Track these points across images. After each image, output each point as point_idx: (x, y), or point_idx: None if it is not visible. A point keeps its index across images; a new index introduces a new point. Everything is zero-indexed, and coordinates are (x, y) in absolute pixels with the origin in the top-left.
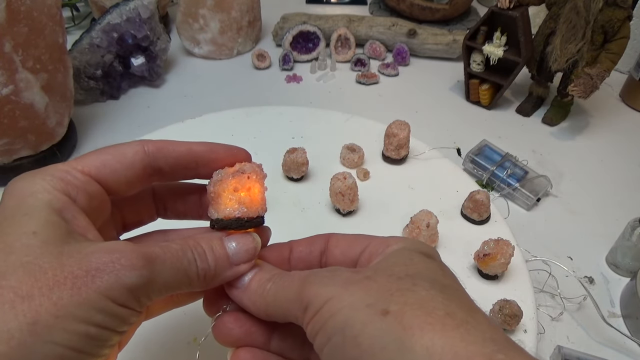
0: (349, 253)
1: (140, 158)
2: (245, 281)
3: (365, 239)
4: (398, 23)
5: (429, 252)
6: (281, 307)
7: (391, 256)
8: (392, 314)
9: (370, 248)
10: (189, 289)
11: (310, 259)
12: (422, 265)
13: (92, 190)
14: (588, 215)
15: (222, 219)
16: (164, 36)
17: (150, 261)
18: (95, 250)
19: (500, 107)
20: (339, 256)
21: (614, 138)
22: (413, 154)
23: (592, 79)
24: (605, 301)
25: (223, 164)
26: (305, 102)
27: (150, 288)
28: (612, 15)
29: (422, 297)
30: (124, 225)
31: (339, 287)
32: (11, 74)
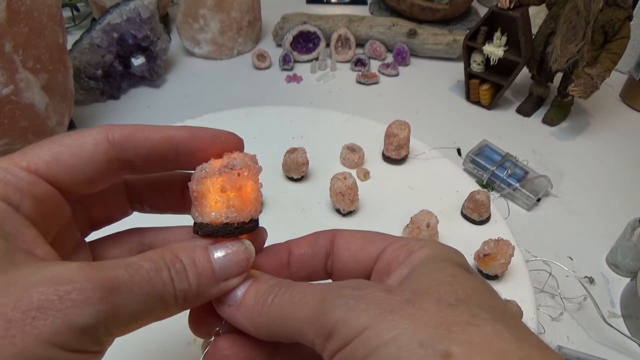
0: (361, 257)
1: (104, 150)
2: (238, 296)
3: (380, 240)
4: (398, 23)
5: (463, 262)
6: (289, 327)
7: (425, 270)
8: (456, 358)
9: (389, 254)
10: (165, 315)
11: (313, 263)
12: (469, 284)
13: (41, 193)
14: (588, 215)
15: (207, 223)
16: (164, 36)
17: (112, 291)
18: (39, 282)
19: (501, 107)
20: (349, 261)
21: (614, 138)
22: (413, 154)
23: (592, 79)
24: (605, 301)
25: (209, 153)
26: (306, 102)
27: (113, 323)
28: (613, 15)
29: (489, 335)
30: (92, 224)
31: (374, 315)
32: (11, 74)
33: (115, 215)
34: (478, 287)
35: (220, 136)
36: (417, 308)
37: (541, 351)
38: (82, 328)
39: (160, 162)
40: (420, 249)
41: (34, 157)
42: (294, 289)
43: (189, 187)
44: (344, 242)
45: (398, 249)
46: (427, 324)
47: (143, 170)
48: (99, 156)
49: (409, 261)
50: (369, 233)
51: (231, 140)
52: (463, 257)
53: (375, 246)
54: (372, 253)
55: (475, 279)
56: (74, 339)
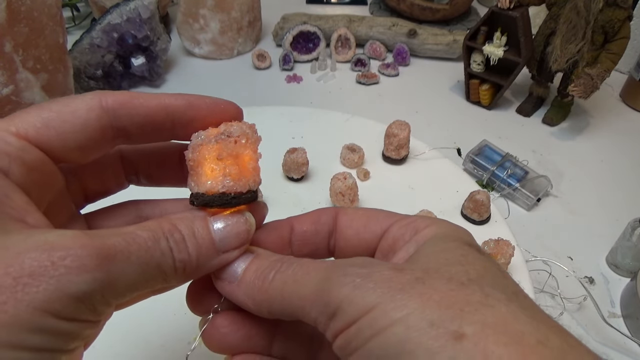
0: (365, 235)
1: (97, 116)
2: (238, 272)
3: (385, 217)
4: (398, 23)
5: (473, 241)
6: (291, 304)
7: (434, 249)
8: (469, 339)
9: (394, 231)
10: (164, 285)
11: (316, 240)
12: (480, 264)
13: (31, 159)
14: (588, 215)
15: (203, 193)
16: (164, 36)
17: (108, 258)
18: (31, 248)
19: (501, 107)
20: (353, 239)
21: (614, 138)
22: (413, 154)
23: (592, 79)
24: (605, 301)
25: (206, 123)
26: (306, 102)
27: (110, 292)
28: (613, 15)
29: (503, 316)
30: (86, 196)
31: (382, 294)
32: (11, 74)
33: (110, 187)
34: (490, 267)
35: (218, 104)
36: (427, 287)
37: (558, 333)
38: (77, 296)
39: (156, 130)
40: (427, 227)
41: (23, 122)
42: (296, 265)
43: (185, 156)
44: (347, 220)
45: (404, 227)
46: (438, 304)
47: (138, 139)
48: (92, 123)
49: (416, 240)
50: (373, 210)
51: (230, 109)
52: (472, 237)
53: (379, 223)
54: (376, 231)
55: (486, 259)
56: (68, 307)
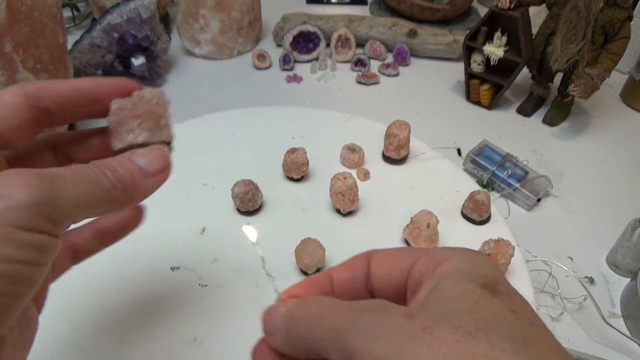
0: (395, 274)
1: (23, 100)
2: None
3: (411, 254)
4: (398, 23)
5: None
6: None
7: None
8: None
9: (419, 267)
10: (114, 204)
11: (355, 286)
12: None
13: None
14: (588, 215)
15: (124, 148)
16: (165, 36)
17: (48, 178)
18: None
19: (501, 107)
20: (385, 279)
21: (614, 138)
22: (413, 154)
23: (592, 79)
24: (605, 301)
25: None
26: (306, 102)
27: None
28: (613, 15)
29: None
30: None
31: (391, 345)
32: (12, 74)
33: None
34: (500, 313)
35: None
36: (435, 338)
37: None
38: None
39: (74, 108)
40: (445, 262)
41: None
42: (318, 303)
43: (106, 121)
44: (378, 262)
45: (426, 262)
46: (445, 356)
47: (61, 118)
48: (20, 105)
49: (435, 275)
50: (400, 249)
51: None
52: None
53: (406, 260)
54: (403, 268)
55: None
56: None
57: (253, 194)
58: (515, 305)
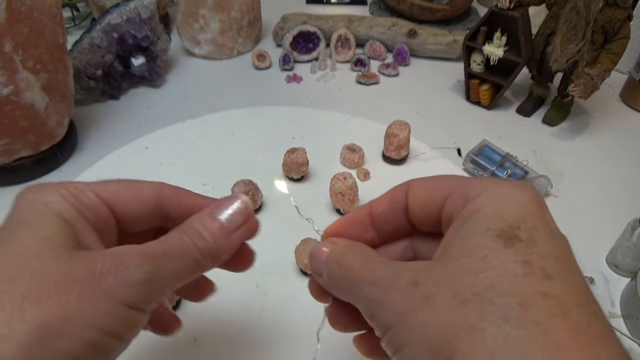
0: (430, 207)
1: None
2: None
3: (446, 185)
4: (398, 23)
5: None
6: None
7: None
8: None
9: (451, 202)
10: (202, 269)
11: (395, 219)
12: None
13: (102, 214)
14: (588, 215)
15: None
16: (164, 36)
17: (153, 256)
18: (101, 255)
19: (501, 107)
20: (420, 211)
21: (614, 138)
22: (413, 154)
23: (592, 79)
24: (605, 301)
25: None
26: (305, 102)
27: (159, 281)
28: (612, 15)
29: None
30: None
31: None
32: (11, 74)
33: None
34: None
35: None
36: (431, 307)
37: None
38: (136, 284)
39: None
40: (474, 199)
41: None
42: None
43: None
44: (415, 194)
45: (458, 198)
46: (437, 328)
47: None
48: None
49: (462, 215)
50: (437, 179)
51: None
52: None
53: (440, 192)
54: (437, 201)
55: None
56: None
57: (253, 194)
58: (532, 254)
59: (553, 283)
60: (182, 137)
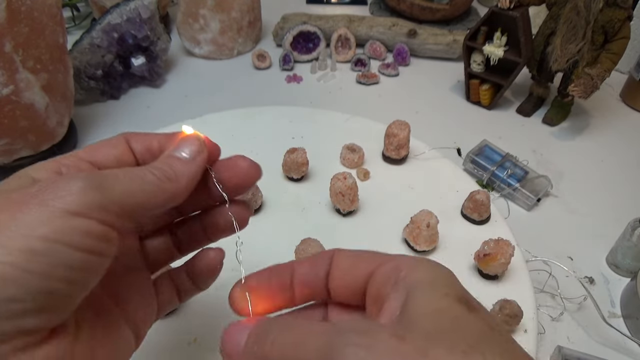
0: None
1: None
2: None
3: (373, 259)
4: (398, 23)
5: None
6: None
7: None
8: None
9: (382, 274)
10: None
11: (315, 283)
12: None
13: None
14: (588, 215)
15: None
16: (165, 36)
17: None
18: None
19: (501, 107)
20: (343, 280)
21: (614, 138)
22: (413, 154)
23: (592, 79)
24: (605, 301)
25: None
26: (305, 102)
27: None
28: (613, 15)
29: None
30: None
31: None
32: (11, 74)
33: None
34: (482, 329)
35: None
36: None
37: None
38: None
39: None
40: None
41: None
42: (295, 328)
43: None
44: (339, 261)
45: (390, 271)
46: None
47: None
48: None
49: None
50: (362, 252)
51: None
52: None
53: (365, 265)
54: (362, 272)
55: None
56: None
57: (253, 194)
58: (489, 319)
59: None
60: None
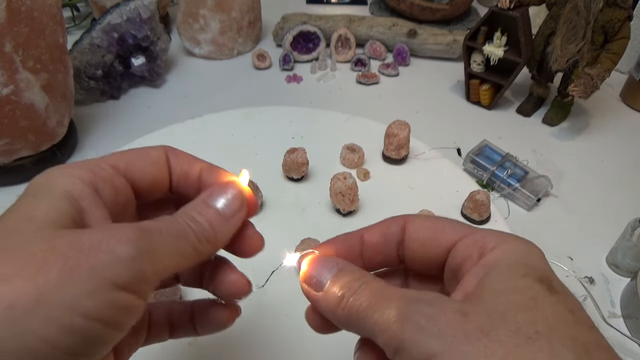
0: (432, 248)
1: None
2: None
3: (452, 230)
4: (398, 23)
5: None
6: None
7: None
8: None
9: (461, 249)
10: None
11: (385, 251)
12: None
13: (119, 185)
14: (588, 215)
15: None
16: (165, 36)
17: (146, 232)
18: (89, 230)
19: (501, 107)
20: (420, 251)
21: (614, 138)
22: (413, 154)
23: (592, 79)
24: (605, 301)
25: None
26: (305, 102)
27: (153, 261)
28: (613, 15)
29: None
30: None
31: (445, 342)
32: (11, 74)
33: None
34: (561, 313)
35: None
36: (492, 340)
37: None
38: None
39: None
40: (495, 248)
41: (116, 158)
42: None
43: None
44: (415, 231)
45: (471, 245)
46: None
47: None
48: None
49: (484, 263)
50: (440, 221)
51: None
52: (543, 263)
53: (446, 237)
54: (442, 244)
55: (558, 302)
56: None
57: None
58: (572, 305)
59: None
60: (182, 137)
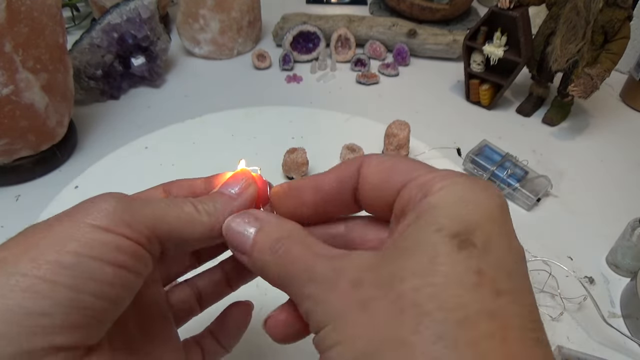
0: (385, 193)
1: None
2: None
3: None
4: (398, 23)
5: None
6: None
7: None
8: None
9: (409, 190)
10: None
11: (342, 197)
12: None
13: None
14: (588, 215)
15: None
16: (164, 36)
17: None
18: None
19: (501, 107)
20: (372, 194)
21: (614, 138)
22: (413, 154)
23: (592, 79)
24: (605, 301)
25: None
26: (305, 102)
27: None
28: (613, 15)
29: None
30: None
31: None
32: (11, 74)
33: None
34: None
35: None
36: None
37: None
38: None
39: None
40: (435, 192)
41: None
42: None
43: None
44: (370, 173)
45: (417, 187)
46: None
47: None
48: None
49: (418, 208)
50: (398, 161)
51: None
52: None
53: (399, 177)
54: (394, 186)
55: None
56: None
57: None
58: (486, 263)
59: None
60: (182, 137)
